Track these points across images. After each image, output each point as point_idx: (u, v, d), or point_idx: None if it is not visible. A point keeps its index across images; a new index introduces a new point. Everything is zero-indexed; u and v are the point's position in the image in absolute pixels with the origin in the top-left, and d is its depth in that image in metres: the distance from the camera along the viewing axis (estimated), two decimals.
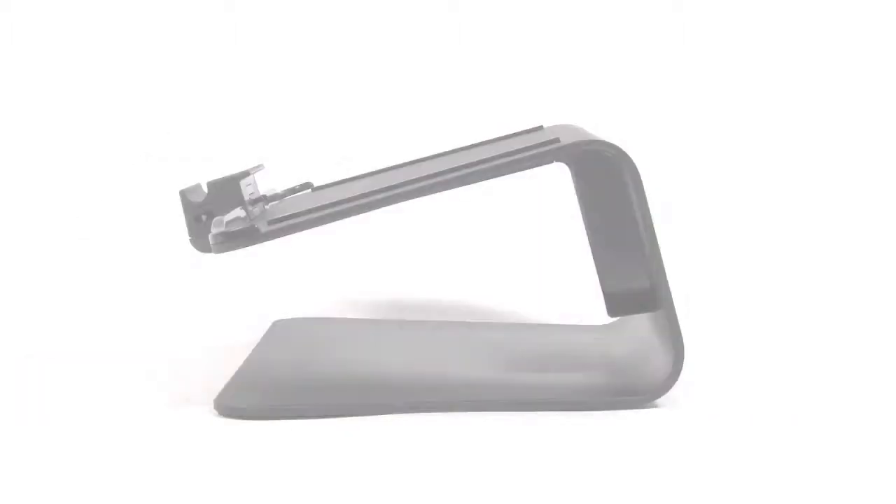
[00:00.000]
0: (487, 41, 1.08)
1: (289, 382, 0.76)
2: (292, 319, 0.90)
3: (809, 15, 1.09)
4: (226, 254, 0.74)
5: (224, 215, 0.72)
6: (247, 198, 0.74)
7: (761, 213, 1.07)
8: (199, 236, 0.73)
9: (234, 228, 0.71)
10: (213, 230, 0.71)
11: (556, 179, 0.81)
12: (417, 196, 0.71)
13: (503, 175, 0.72)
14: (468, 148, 0.83)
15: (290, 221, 0.71)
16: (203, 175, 0.72)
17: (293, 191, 0.77)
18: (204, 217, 0.75)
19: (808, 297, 0.96)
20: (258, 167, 0.80)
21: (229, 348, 0.84)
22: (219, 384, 0.75)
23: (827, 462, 0.64)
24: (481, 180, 0.71)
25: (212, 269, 0.89)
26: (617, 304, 0.77)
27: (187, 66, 1.07)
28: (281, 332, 0.87)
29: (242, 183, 0.74)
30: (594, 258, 0.76)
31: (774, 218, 1.07)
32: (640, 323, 0.79)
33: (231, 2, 1.07)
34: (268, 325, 0.89)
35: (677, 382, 0.71)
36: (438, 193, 0.72)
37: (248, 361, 0.79)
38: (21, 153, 1.05)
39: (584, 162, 0.77)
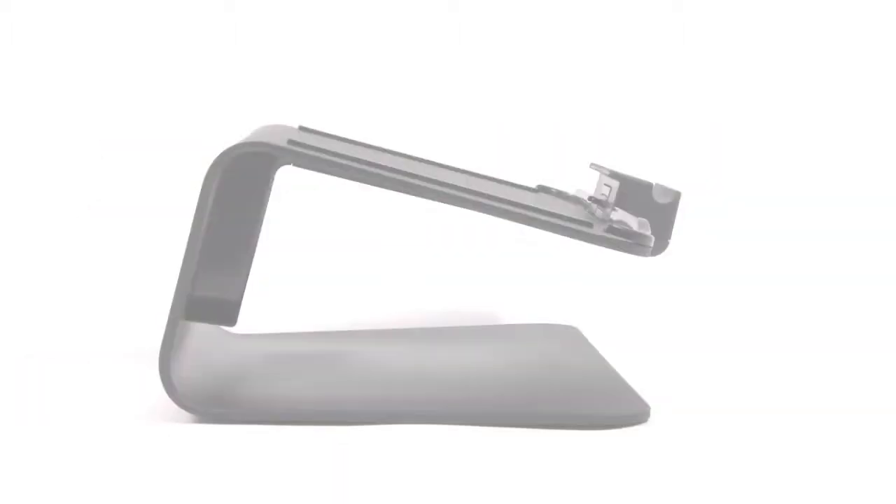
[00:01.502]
0: (487, 41, 1.08)
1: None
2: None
3: (810, 15, 1.09)
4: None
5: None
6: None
7: (766, 215, 1.07)
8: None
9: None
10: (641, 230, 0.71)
11: None
12: None
13: None
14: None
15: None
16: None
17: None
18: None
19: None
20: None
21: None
22: None
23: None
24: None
25: None
26: (197, 310, 0.76)
27: (186, 67, 1.07)
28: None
29: None
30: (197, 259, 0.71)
31: (781, 221, 1.07)
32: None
33: (231, 2, 1.07)
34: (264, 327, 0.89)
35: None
36: None
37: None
38: (21, 153, 1.05)
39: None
